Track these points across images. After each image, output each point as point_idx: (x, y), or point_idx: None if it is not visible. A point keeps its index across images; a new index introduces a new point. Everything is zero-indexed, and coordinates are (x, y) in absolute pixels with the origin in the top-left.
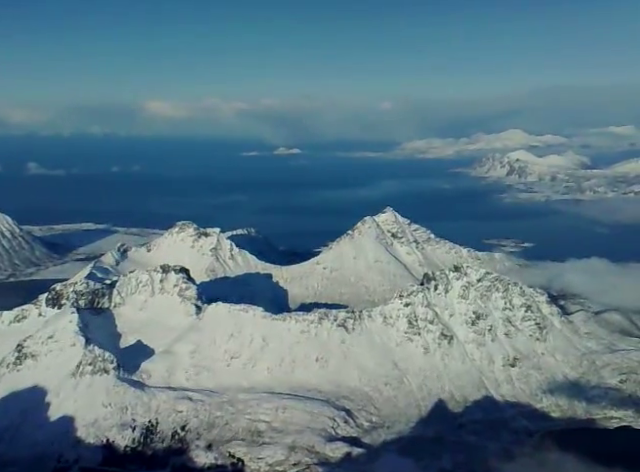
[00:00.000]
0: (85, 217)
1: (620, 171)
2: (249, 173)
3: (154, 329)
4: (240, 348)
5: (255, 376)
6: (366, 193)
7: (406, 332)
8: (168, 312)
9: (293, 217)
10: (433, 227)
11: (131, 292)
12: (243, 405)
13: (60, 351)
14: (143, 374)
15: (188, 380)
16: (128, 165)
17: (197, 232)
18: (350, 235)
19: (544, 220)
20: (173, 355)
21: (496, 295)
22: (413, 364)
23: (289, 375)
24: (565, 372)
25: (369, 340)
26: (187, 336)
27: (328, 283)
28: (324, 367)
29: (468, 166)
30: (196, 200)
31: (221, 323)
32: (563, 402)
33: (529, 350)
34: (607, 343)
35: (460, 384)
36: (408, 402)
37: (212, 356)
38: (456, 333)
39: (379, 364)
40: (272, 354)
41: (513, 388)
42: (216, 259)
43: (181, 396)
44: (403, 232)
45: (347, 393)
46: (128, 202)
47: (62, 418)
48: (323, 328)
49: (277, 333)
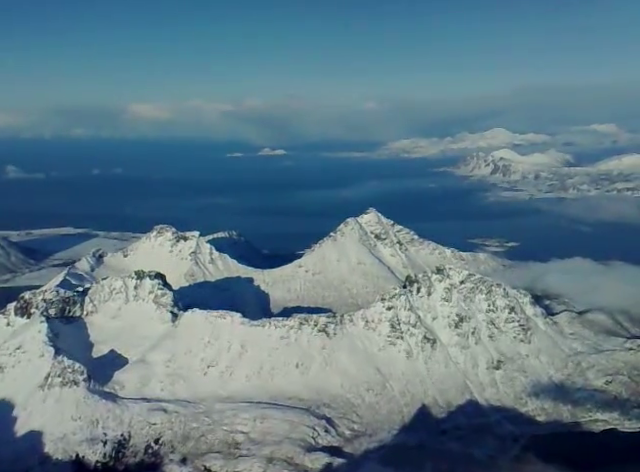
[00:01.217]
0: (64, 221)
1: (603, 169)
2: (233, 175)
3: (128, 338)
4: (217, 356)
5: (233, 385)
6: (351, 193)
7: (388, 336)
8: (143, 320)
9: (277, 219)
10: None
11: (104, 299)
12: (220, 416)
13: (28, 362)
14: (115, 385)
15: (163, 390)
16: (109, 168)
17: (176, 236)
18: (333, 237)
19: (528, 219)
20: (147, 364)
21: (479, 297)
22: (396, 369)
23: (268, 383)
24: (550, 374)
25: (351, 345)
26: (162, 344)
27: (311, 286)
28: (304, 374)
29: (453, 165)
30: (178, 202)
31: (198, 330)
32: (548, 405)
33: (513, 352)
34: (592, 344)
35: (443, 388)
36: (390, 408)
37: (188, 365)
38: (439, 336)
39: (361, 369)
40: (251, 361)
41: (497, 392)
42: (195, 263)
43: (155, 407)
44: (386, 233)
45: (328, 400)
46: (109, 205)
47: (29, 433)
48: (303, 333)
49: (256, 339)
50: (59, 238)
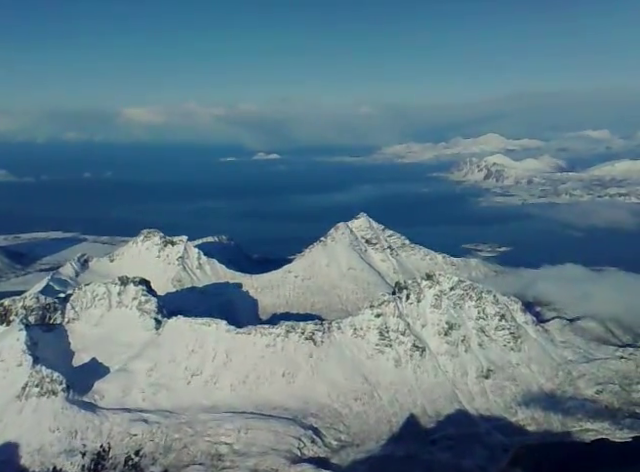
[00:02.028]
0: (53, 225)
1: (596, 174)
2: (226, 179)
3: (110, 346)
4: (201, 364)
5: (217, 394)
6: (344, 198)
7: (377, 344)
8: (126, 327)
9: (269, 223)
10: (410, 232)
11: (86, 306)
12: (203, 426)
13: (6, 371)
14: (96, 395)
15: (144, 400)
16: (101, 171)
17: (163, 241)
18: (323, 242)
19: (520, 224)
20: (129, 373)
21: (469, 304)
22: (384, 378)
23: (253, 392)
24: (540, 383)
25: (338, 353)
26: (145, 353)
27: (300, 292)
28: (291, 383)
29: (446, 170)
30: (169, 206)
31: (182, 338)
32: (538, 415)
33: (503, 361)
34: (583, 352)
35: (432, 398)
36: (379, 418)
37: (171, 374)
38: (428, 344)
39: (349, 378)
40: (236, 370)
41: (487, 401)
42: (183, 269)
43: (136, 418)
44: (377, 238)
45: (315, 410)
46: (99, 209)
47: (5, 445)
48: (290, 341)
49: (241, 348)
50: (47, 242)
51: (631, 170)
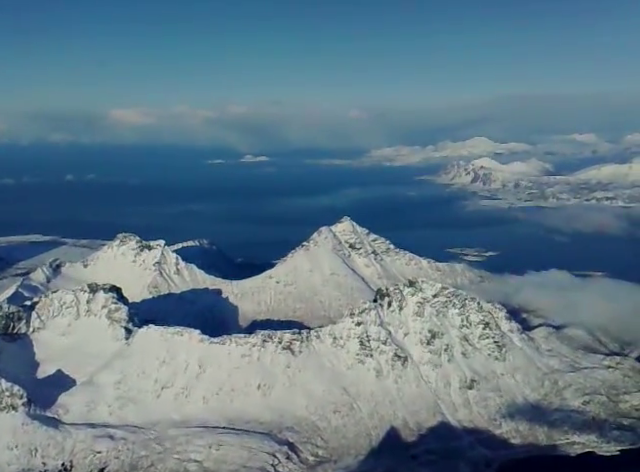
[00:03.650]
0: (32, 228)
1: (582, 178)
2: (213, 181)
3: (77, 356)
4: (173, 376)
5: (188, 408)
6: (331, 201)
7: (357, 354)
8: (94, 337)
9: (254, 226)
10: (396, 236)
11: (53, 315)
12: (172, 442)
13: None
14: (59, 409)
15: (111, 415)
16: (84, 173)
17: (140, 245)
18: (305, 246)
19: (507, 228)
20: (96, 386)
21: (452, 311)
22: (364, 389)
23: (227, 405)
24: (525, 394)
25: (317, 364)
26: (113, 364)
27: (281, 298)
28: (267, 395)
29: (434, 173)
30: (153, 209)
31: (152, 349)
32: (523, 427)
33: (487, 371)
34: (570, 361)
35: (414, 409)
36: (358, 431)
37: (140, 386)
38: (411, 354)
39: (328, 390)
40: (209, 382)
41: (471, 413)
42: (160, 274)
43: (101, 434)
44: (361, 243)
45: (291, 424)
46: (79, 212)
47: None
48: (267, 351)
49: (215, 358)
50: (25, 246)
51: (617, 174)
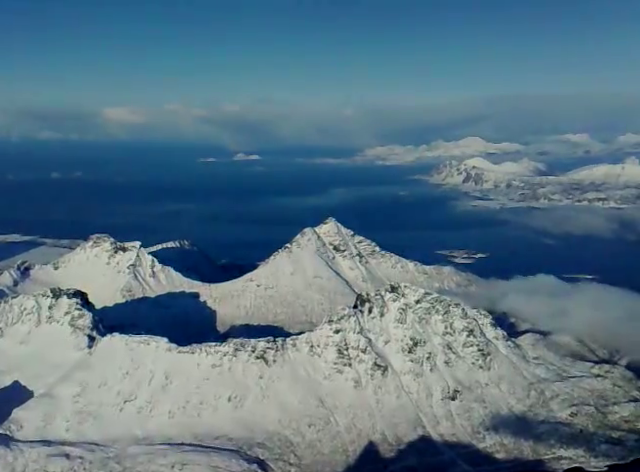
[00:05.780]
0: (12, 228)
1: (575, 178)
2: (203, 180)
3: (36, 366)
4: (136, 388)
5: (152, 423)
6: (320, 201)
7: (335, 363)
8: (55, 345)
9: (242, 226)
10: (385, 237)
11: (12, 322)
12: (132, 461)
13: None
14: (12, 425)
15: (68, 431)
16: (70, 171)
17: (114, 246)
18: (288, 248)
19: (497, 230)
20: (53, 399)
21: (436, 318)
22: (342, 400)
23: (194, 420)
24: (511, 405)
25: (292, 373)
26: (73, 375)
27: (262, 302)
28: (238, 408)
29: (426, 173)
30: (139, 208)
31: (116, 358)
32: (508, 441)
33: (471, 380)
34: (557, 369)
35: (394, 422)
36: (334, 447)
37: (101, 400)
38: (391, 363)
39: (303, 402)
40: (175, 395)
41: (453, 425)
42: (134, 277)
43: (56, 452)
44: (346, 245)
45: (262, 439)
46: (62, 211)
47: None
48: (239, 361)
49: (183, 368)
50: (3, 246)
51: (610, 174)
